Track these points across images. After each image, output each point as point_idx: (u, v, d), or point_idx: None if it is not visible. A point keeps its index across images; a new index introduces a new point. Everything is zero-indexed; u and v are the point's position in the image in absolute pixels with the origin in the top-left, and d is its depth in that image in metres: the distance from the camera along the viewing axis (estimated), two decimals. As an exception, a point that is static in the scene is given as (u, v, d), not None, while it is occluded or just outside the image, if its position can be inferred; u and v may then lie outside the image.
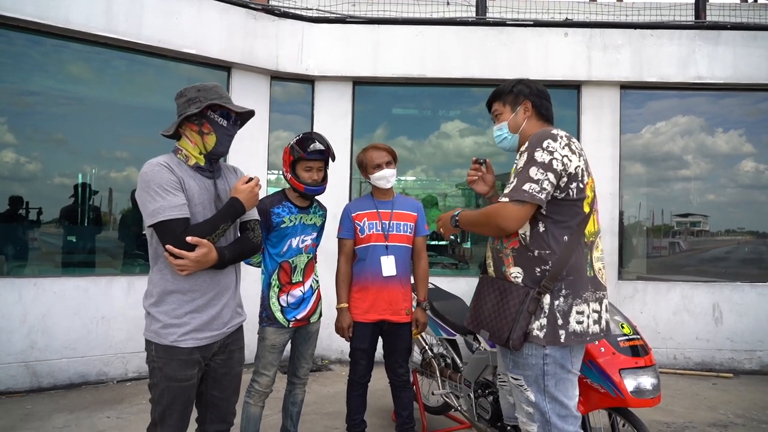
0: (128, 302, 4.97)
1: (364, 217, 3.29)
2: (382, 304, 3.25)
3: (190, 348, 2.12)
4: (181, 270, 2.06)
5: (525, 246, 2.10)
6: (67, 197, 5.28)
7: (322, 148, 2.96)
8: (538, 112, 2.30)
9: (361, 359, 3.31)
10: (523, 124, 2.29)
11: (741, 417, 4.40)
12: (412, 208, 3.39)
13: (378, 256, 3.25)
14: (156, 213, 2.03)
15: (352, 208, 3.35)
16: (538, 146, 2.05)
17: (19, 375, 4.57)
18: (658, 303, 5.91)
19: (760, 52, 5.92)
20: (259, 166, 5.72)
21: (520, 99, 2.29)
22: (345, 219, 3.34)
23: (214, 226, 2.13)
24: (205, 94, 2.19)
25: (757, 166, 6.51)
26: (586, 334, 2.06)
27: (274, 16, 5.80)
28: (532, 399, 2.09)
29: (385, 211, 3.31)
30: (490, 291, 2.19)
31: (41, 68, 5.04)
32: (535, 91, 2.30)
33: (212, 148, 2.22)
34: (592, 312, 2.09)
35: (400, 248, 3.30)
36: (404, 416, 3.43)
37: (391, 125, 6.66)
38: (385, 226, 3.28)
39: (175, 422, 2.13)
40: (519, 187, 2.02)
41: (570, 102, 6.10)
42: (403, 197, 3.49)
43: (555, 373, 2.06)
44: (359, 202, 3.42)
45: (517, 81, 2.35)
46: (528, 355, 2.07)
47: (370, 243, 3.26)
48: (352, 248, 3.32)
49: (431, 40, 5.98)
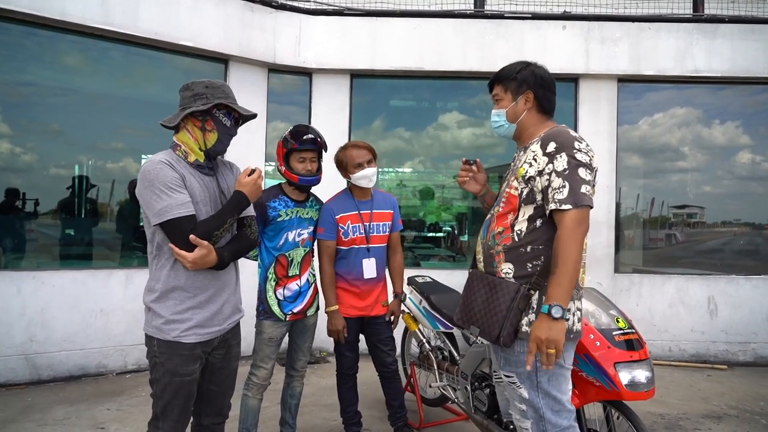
0: (127, 295, 4.98)
1: (347, 220, 3.25)
2: (362, 302, 3.30)
3: (192, 343, 2.14)
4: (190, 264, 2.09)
5: (518, 242, 2.09)
6: (64, 189, 5.27)
7: (313, 137, 2.98)
8: (540, 105, 2.21)
9: (346, 351, 3.35)
10: (522, 115, 2.21)
11: (735, 408, 4.45)
12: (388, 206, 3.42)
13: (360, 258, 3.29)
14: (163, 212, 2.04)
15: (335, 209, 3.25)
16: (573, 147, 2.01)
17: (19, 368, 4.59)
18: (654, 296, 5.95)
19: (758, 45, 5.92)
20: (256, 158, 5.72)
21: (523, 88, 2.19)
22: (327, 219, 3.22)
23: (221, 221, 2.15)
24: (212, 91, 2.20)
25: (754, 157, 6.53)
26: (571, 331, 2.05)
27: (272, 8, 5.77)
28: (526, 396, 2.10)
29: (366, 212, 3.32)
30: (480, 287, 2.17)
31: (37, 59, 5.01)
32: (540, 82, 2.19)
33: (212, 146, 2.24)
34: (576, 310, 2.09)
35: (380, 249, 3.37)
36: (395, 406, 3.48)
37: (388, 117, 6.66)
38: (367, 228, 3.30)
39: (177, 416, 2.15)
40: (578, 191, 1.94)
41: (567, 95, 6.10)
42: (380, 193, 3.48)
43: (547, 368, 2.07)
44: (340, 201, 3.31)
45: (524, 65, 2.23)
46: (520, 352, 2.07)
47: (353, 246, 3.28)
48: (335, 249, 3.28)
49: (429, 32, 5.97)
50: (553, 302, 1.91)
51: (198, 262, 2.08)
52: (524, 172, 2.09)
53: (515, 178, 2.14)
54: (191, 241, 2.05)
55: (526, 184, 2.09)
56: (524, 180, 2.09)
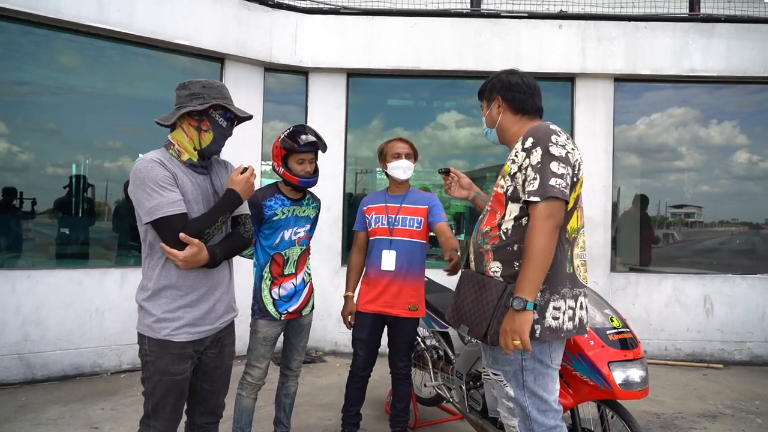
0: (122, 294, 4.97)
1: (372, 211, 3.41)
2: (382, 297, 3.29)
3: (183, 342, 2.13)
4: (182, 263, 2.08)
5: (506, 241, 2.10)
6: (60, 188, 5.26)
7: (314, 140, 2.96)
8: (511, 106, 2.27)
9: (359, 350, 3.34)
10: (499, 119, 2.31)
11: (730, 407, 4.45)
12: (423, 202, 3.37)
13: (381, 249, 3.31)
14: (154, 210, 2.04)
15: (366, 201, 3.48)
16: (548, 141, 2.02)
17: (13, 367, 4.57)
18: (650, 295, 5.96)
19: (754, 45, 5.92)
20: (253, 157, 5.70)
21: (493, 95, 2.31)
22: (359, 211, 3.48)
23: (212, 219, 2.15)
24: (209, 91, 2.19)
25: (751, 157, 6.54)
26: (561, 330, 2.05)
27: (268, 6, 5.76)
28: (512, 394, 2.11)
29: (393, 205, 3.37)
30: (470, 285, 2.18)
31: (33, 58, 5.00)
32: (505, 85, 2.27)
33: (207, 146, 2.23)
34: (568, 308, 2.08)
35: (405, 243, 3.31)
36: (399, 408, 3.46)
37: (386, 117, 6.65)
38: (391, 220, 3.32)
39: (168, 415, 2.15)
40: (547, 183, 1.95)
41: (564, 94, 6.11)
42: (419, 192, 3.47)
43: (534, 368, 2.07)
44: (374, 195, 3.53)
45: (497, 74, 2.34)
46: None
47: (376, 236, 3.35)
48: (364, 240, 3.45)
49: (425, 31, 5.96)
50: (516, 294, 1.93)
51: (189, 261, 2.07)
52: (509, 170, 2.14)
53: (502, 176, 2.19)
54: (182, 240, 2.04)
55: (511, 181, 2.12)
56: (510, 177, 2.13)
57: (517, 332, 1.92)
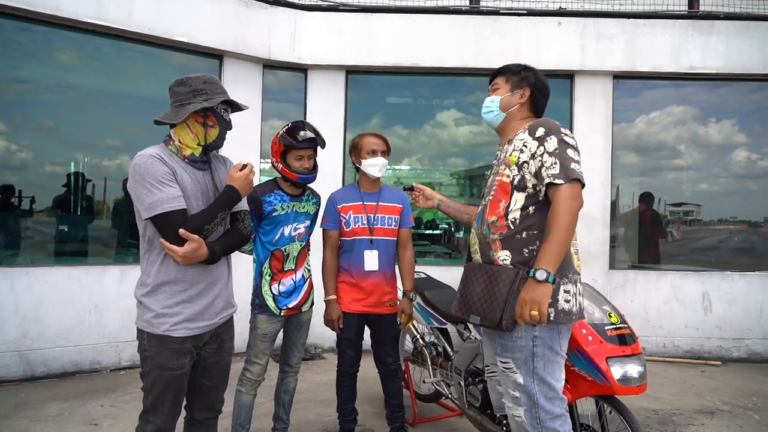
0: (121, 291, 4.97)
1: (349, 210, 3.27)
2: (365, 297, 3.27)
3: (182, 337, 2.13)
4: (181, 259, 2.08)
5: (513, 230, 2.15)
6: (58, 186, 5.25)
7: (313, 136, 2.96)
8: (532, 105, 2.37)
9: (348, 349, 3.33)
10: (514, 107, 2.36)
11: (727, 404, 4.46)
12: (397, 201, 3.37)
13: (362, 249, 3.26)
14: (154, 206, 2.04)
15: (337, 199, 3.31)
16: (560, 131, 2.12)
17: (12, 364, 4.57)
18: (649, 292, 5.97)
19: (753, 42, 5.93)
20: (252, 154, 5.68)
21: (523, 84, 2.35)
22: (330, 209, 3.30)
23: (212, 215, 2.15)
24: (211, 87, 2.20)
25: (750, 155, 6.55)
26: (572, 313, 2.11)
27: (267, 3, 5.75)
28: (520, 381, 2.13)
29: (370, 204, 3.31)
30: (478, 276, 2.21)
31: (31, 55, 4.98)
32: (539, 85, 2.36)
33: (212, 141, 2.24)
34: (574, 293, 2.15)
35: (385, 242, 3.31)
36: (393, 405, 3.46)
37: (385, 114, 6.65)
38: (371, 219, 3.28)
39: (167, 410, 2.15)
40: (568, 167, 2.05)
41: (563, 91, 6.10)
42: (389, 188, 3.46)
43: (544, 354, 2.10)
44: (345, 192, 3.39)
45: (528, 68, 2.40)
46: (518, 337, 2.12)
47: (356, 237, 3.26)
48: (337, 239, 3.32)
49: (424, 29, 5.95)
50: (539, 266, 1.99)
51: (189, 257, 2.07)
52: (516, 159, 2.19)
53: (506, 166, 2.23)
54: (181, 236, 2.04)
55: (519, 171, 2.17)
56: (517, 166, 2.17)
57: (537, 302, 1.97)
